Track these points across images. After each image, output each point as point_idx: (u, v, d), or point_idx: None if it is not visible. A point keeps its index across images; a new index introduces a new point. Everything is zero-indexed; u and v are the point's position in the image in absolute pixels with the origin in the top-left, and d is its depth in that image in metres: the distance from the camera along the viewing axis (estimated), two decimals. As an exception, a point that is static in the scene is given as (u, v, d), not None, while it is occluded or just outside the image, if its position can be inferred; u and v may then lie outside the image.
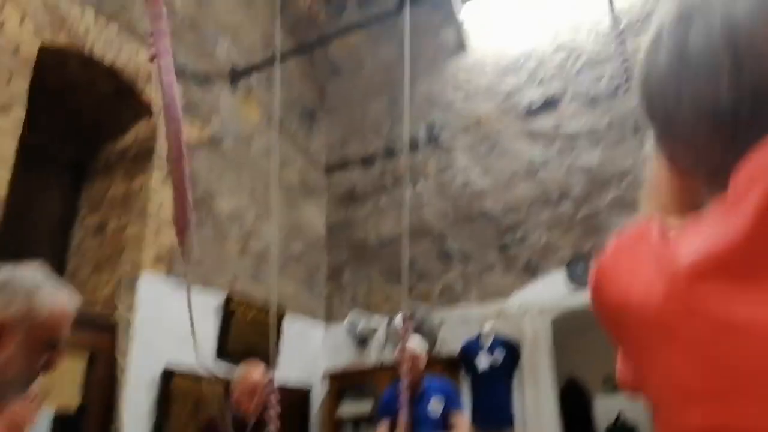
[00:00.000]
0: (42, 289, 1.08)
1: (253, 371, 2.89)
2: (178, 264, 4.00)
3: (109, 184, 4.30)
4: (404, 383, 2.49)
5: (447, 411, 3.13)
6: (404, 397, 2.49)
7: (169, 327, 3.75)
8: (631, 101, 4.39)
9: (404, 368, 2.55)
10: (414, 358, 3.05)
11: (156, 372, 3.60)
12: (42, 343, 1.07)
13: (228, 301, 4.21)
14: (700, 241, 0.46)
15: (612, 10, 3.20)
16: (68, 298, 1.14)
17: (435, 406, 3.13)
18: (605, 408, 5.23)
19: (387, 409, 3.14)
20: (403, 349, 2.64)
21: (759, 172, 0.44)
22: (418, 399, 3.11)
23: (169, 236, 4.03)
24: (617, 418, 5.12)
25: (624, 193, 4.37)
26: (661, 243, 0.50)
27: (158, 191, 4.02)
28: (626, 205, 4.33)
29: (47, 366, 1.11)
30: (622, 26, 3.63)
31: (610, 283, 0.53)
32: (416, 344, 3.25)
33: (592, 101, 4.70)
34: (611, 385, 5.27)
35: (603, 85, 4.69)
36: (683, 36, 0.51)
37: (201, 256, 4.21)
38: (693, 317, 0.45)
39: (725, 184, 0.47)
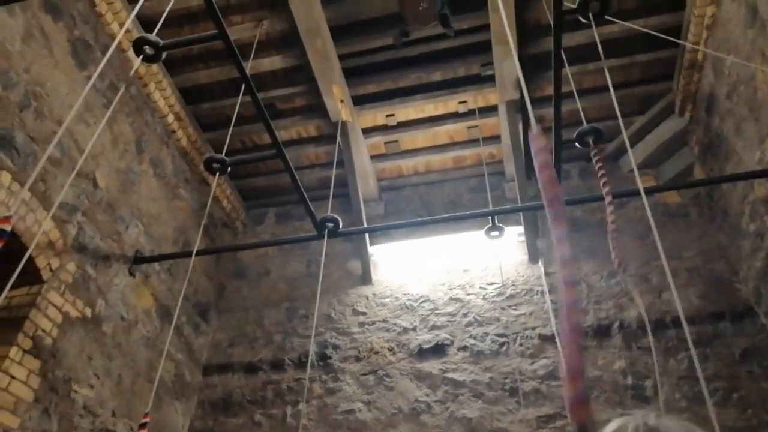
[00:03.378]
0: None
1: None
2: (5, 457, 3.44)
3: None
4: None
5: None
6: None
7: None
8: (510, 363, 4.80)
9: None
10: None
11: None
12: None
13: None
14: None
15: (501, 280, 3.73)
16: None
17: None
18: None
19: None
20: None
21: None
22: None
23: (4, 423, 3.53)
24: None
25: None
26: None
27: (11, 368, 3.62)
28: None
29: None
30: (506, 295, 4.17)
31: None
32: None
33: (477, 356, 5.06)
34: None
35: (487, 343, 5.11)
36: None
37: (36, 451, 3.65)
38: None
39: None
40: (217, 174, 4.37)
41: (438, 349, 5.17)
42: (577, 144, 3.78)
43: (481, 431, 4.60)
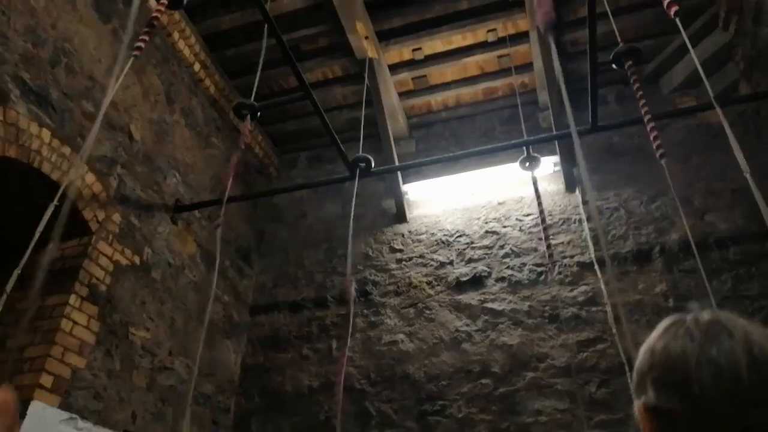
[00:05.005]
0: None
1: None
2: (76, 393, 3.71)
3: (20, 297, 4.07)
4: None
5: None
6: None
7: (48, 466, 3.36)
8: (550, 292, 4.83)
9: None
10: None
11: None
12: None
13: (123, 443, 3.86)
14: None
15: (541, 211, 3.71)
16: None
17: None
18: None
19: None
20: None
21: None
22: None
23: (73, 363, 3.78)
24: None
25: (541, 375, 4.58)
26: None
27: (72, 314, 3.85)
28: (543, 388, 4.52)
29: None
30: (546, 224, 4.15)
31: None
32: None
33: (515, 285, 5.10)
34: None
35: (525, 274, 5.14)
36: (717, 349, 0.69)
37: (104, 387, 3.93)
38: None
39: None
40: (248, 118, 4.38)
41: (476, 281, 5.23)
42: (614, 65, 3.63)
43: (521, 357, 4.70)
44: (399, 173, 5.89)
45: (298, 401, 5.09)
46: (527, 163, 4.56)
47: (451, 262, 5.44)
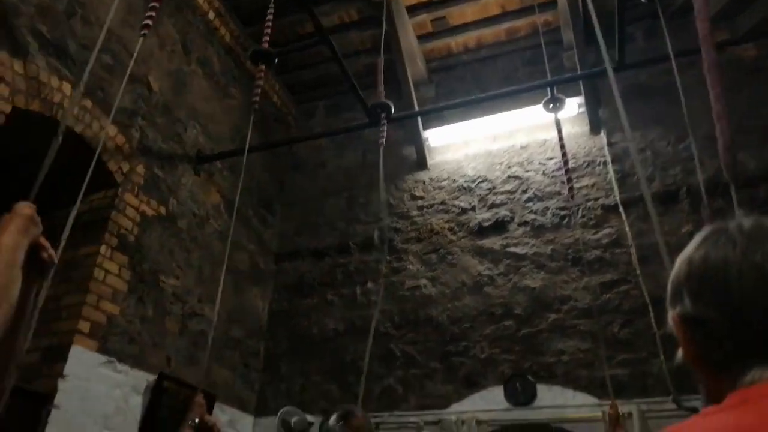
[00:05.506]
0: None
1: None
2: (113, 338, 3.87)
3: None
4: None
5: None
6: None
7: (92, 404, 3.55)
8: (573, 235, 4.81)
9: None
10: None
11: (70, 454, 3.36)
12: None
13: (161, 380, 4.04)
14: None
15: (563, 154, 3.64)
16: None
17: None
18: None
19: None
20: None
21: None
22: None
23: (108, 310, 3.93)
24: None
25: (564, 317, 4.62)
26: None
27: (104, 263, 3.96)
28: (565, 328, 4.57)
29: None
30: (569, 167, 4.08)
31: None
32: None
33: (538, 230, 5.08)
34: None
35: (548, 218, 5.10)
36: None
37: (138, 333, 4.08)
38: None
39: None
40: (264, 67, 4.32)
41: (498, 226, 5.22)
42: (642, -1, 3.46)
43: (544, 299, 4.74)
44: (419, 119, 5.81)
45: (325, 344, 5.24)
46: (551, 105, 4.45)
47: (473, 208, 5.43)
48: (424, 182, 5.80)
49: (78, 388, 3.50)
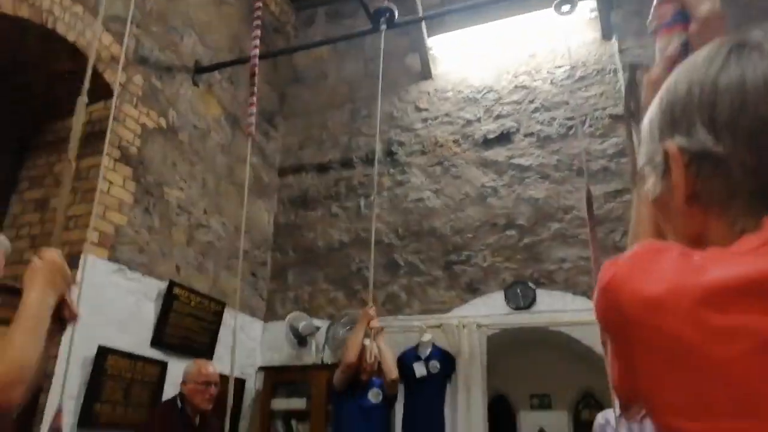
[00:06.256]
0: None
1: (207, 365, 2.96)
2: (122, 248, 3.95)
3: (56, 160, 4.20)
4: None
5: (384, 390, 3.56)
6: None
7: (106, 311, 3.68)
8: (579, 145, 4.74)
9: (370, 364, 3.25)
10: (376, 358, 3.39)
11: (89, 352, 3.52)
12: None
13: (171, 287, 4.17)
14: (736, 267, 0.47)
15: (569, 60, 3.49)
16: None
17: (375, 394, 3.53)
18: (529, 423, 5.45)
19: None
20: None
21: None
22: (364, 386, 3.50)
23: (115, 220, 3.98)
24: (539, 433, 5.36)
25: (567, 226, 4.66)
26: (686, 259, 0.51)
27: (108, 175, 3.97)
28: (567, 237, 4.61)
29: None
30: (576, 77, 3.95)
31: (629, 281, 0.53)
32: (374, 347, 3.49)
33: (544, 140, 5.01)
34: (535, 402, 5.51)
35: (554, 128, 5.00)
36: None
37: (146, 243, 4.16)
38: (718, 336, 0.45)
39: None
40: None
41: (503, 138, 5.15)
42: None
43: (547, 209, 4.76)
44: (423, 25, 5.58)
45: (330, 255, 5.35)
46: (562, 8, 4.24)
47: (478, 119, 5.33)
48: (428, 93, 5.67)
49: (92, 295, 3.60)
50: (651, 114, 0.63)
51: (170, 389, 3.72)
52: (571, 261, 4.54)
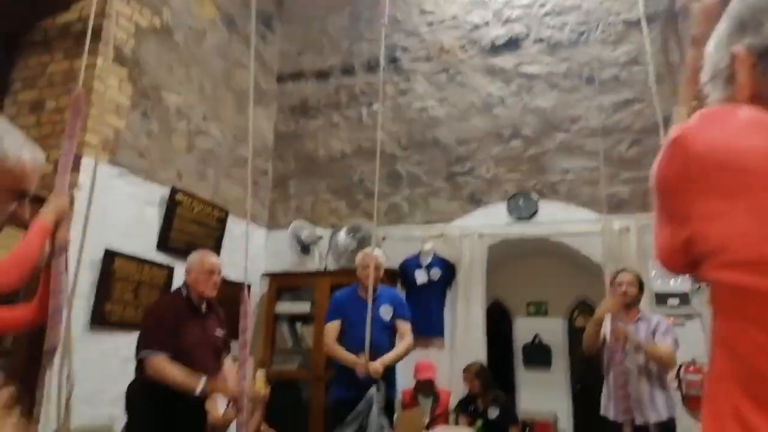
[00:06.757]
0: (7, 138, 1.06)
1: (210, 255, 2.97)
2: (122, 152, 3.88)
3: (48, 60, 4.02)
4: (370, 285, 2.77)
5: (395, 318, 3.35)
6: (370, 296, 2.73)
7: (110, 216, 3.67)
8: (590, 52, 4.56)
9: (371, 272, 2.98)
10: (378, 266, 3.24)
11: (96, 255, 3.54)
12: (8, 190, 1.05)
13: (174, 193, 4.14)
14: None
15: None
16: (34, 152, 1.12)
17: (386, 311, 3.34)
18: (524, 328, 5.67)
19: (339, 308, 3.32)
20: (371, 255, 3.05)
21: None
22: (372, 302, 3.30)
23: (113, 124, 3.88)
24: (534, 339, 5.57)
25: (573, 137, 4.59)
26: (756, 114, 0.59)
27: (103, 76, 3.81)
28: (573, 148, 4.56)
29: (15, 217, 1.10)
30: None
31: (698, 132, 0.61)
32: (380, 254, 3.41)
33: (554, 47, 4.82)
34: (532, 310, 5.70)
35: (565, 34, 4.80)
36: None
37: (146, 148, 4.09)
38: None
39: None
40: None
41: (512, 43, 4.96)
42: None
43: (554, 120, 4.67)
44: None
45: (332, 165, 5.30)
46: None
47: (486, 24, 5.10)
48: (433, -4, 5.38)
49: (95, 199, 3.57)
50: (718, 28, 0.71)
51: (178, 292, 3.79)
52: (575, 172, 4.52)
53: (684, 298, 3.95)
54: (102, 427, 3.48)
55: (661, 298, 4.01)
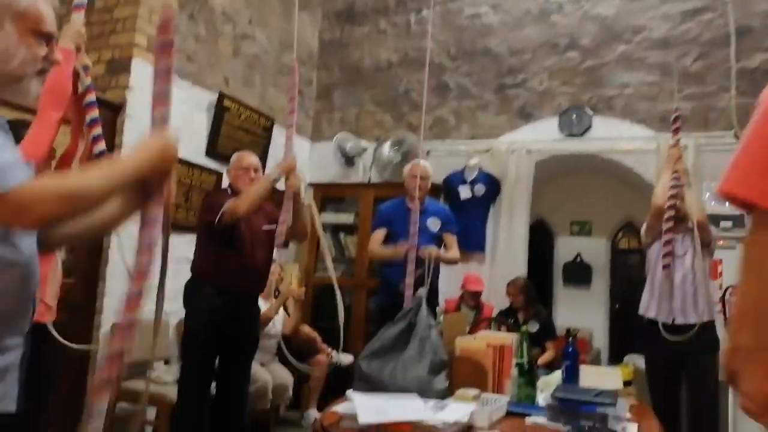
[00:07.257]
0: None
1: (249, 155, 3.07)
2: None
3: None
4: (416, 197, 2.76)
5: (442, 230, 3.39)
6: (415, 207, 2.73)
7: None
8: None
9: (417, 181, 2.93)
10: (425, 175, 3.24)
11: (149, 157, 3.62)
12: (33, 32, 1.04)
13: (221, 98, 4.14)
14: None
15: None
16: None
17: (433, 223, 3.37)
18: (566, 247, 5.66)
19: (385, 219, 3.36)
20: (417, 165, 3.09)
21: None
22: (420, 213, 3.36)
23: (160, 26, 3.83)
24: (575, 257, 5.56)
25: (634, 49, 4.32)
26: None
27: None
28: (633, 61, 4.30)
29: (49, 59, 1.10)
30: None
31: None
32: (427, 165, 3.38)
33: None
34: (575, 229, 5.65)
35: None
36: None
37: (194, 51, 4.05)
38: None
39: None
40: None
41: (574, -55, 4.59)
42: None
43: (615, 29, 4.39)
44: None
45: (377, 75, 5.16)
46: None
47: None
48: None
49: (145, 100, 3.61)
50: None
51: (227, 197, 3.87)
52: (634, 86, 4.29)
53: (739, 221, 3.83)
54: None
55: (714, 220, 3.90)
